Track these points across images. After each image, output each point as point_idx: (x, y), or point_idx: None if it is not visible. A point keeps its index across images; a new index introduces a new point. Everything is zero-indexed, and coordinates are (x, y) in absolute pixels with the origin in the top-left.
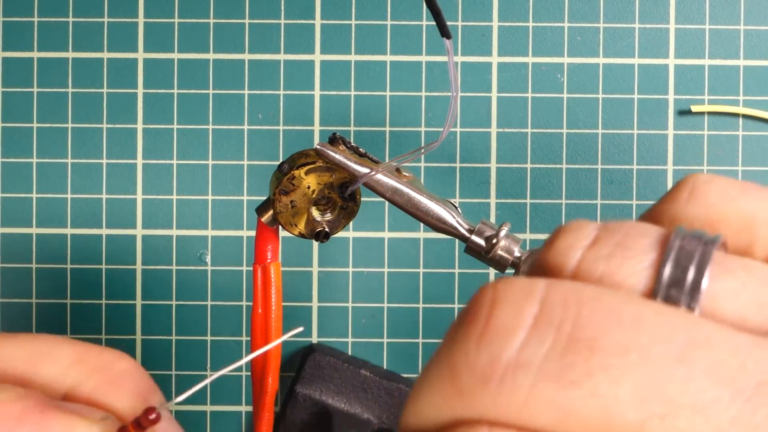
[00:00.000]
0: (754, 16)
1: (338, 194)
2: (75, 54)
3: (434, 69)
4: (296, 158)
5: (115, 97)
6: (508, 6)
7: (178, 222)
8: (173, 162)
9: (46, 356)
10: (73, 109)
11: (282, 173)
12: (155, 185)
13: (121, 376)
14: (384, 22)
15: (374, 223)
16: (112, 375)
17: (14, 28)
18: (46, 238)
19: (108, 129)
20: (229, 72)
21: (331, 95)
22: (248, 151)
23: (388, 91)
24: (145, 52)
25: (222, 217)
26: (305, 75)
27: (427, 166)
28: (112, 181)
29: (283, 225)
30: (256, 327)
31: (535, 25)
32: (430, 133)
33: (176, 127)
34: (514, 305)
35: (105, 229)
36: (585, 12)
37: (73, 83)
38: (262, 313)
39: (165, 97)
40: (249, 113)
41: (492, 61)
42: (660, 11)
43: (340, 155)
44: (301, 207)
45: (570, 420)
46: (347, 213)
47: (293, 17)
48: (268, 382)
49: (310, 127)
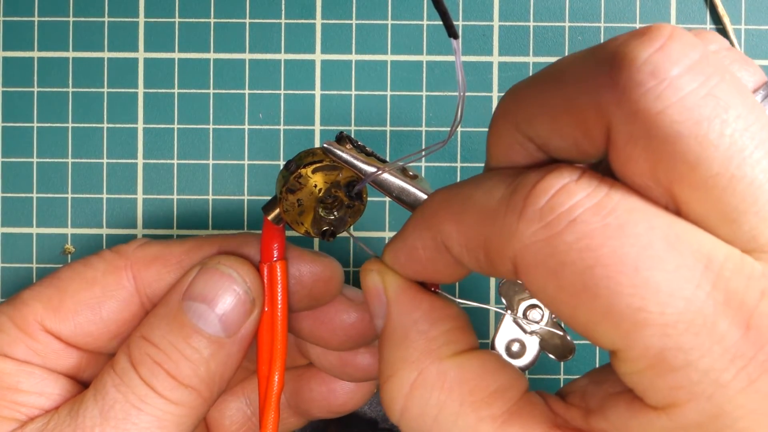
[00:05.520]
0: (754, 16)
1: (345, 193)
2: (75, 53)
3: (435, 69)
4: (303, 157)
5: (116, 97)
6: (509, 6)
7: (179, 222)
8: (174, 161)
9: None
10: (74, 109)
11: (289, 172)
12: (155, 185)
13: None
14: (385, 21)
15: (375, 222)
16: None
17: (14, 28)
18: (46, 238)
19: (108, 129)
20: (229, 71)
21: (332, 95)
22: (249, 151)
23: (389, 91)
24: (145, 52)
25: (222, 217)
26: (306, 75)
27: (428, 166)
28: (112, 181)
29: (289, 223)
30: (262, 325)
31: (535, 25)
32: (431, 133)
33: (177, 126)
34: (684, 45)
35: (105, 229)
36: (586, 12)
37: (73, 83)
38: (269, 312)
39: (165, 96)
40: (249, 113)
41: (493, 61)
42: (660, 11)
43: (348, 154)
44: (308, 206)
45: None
46: (353, 212)
47: (294, 17)
48: (274, 381)
49: (311, 126)
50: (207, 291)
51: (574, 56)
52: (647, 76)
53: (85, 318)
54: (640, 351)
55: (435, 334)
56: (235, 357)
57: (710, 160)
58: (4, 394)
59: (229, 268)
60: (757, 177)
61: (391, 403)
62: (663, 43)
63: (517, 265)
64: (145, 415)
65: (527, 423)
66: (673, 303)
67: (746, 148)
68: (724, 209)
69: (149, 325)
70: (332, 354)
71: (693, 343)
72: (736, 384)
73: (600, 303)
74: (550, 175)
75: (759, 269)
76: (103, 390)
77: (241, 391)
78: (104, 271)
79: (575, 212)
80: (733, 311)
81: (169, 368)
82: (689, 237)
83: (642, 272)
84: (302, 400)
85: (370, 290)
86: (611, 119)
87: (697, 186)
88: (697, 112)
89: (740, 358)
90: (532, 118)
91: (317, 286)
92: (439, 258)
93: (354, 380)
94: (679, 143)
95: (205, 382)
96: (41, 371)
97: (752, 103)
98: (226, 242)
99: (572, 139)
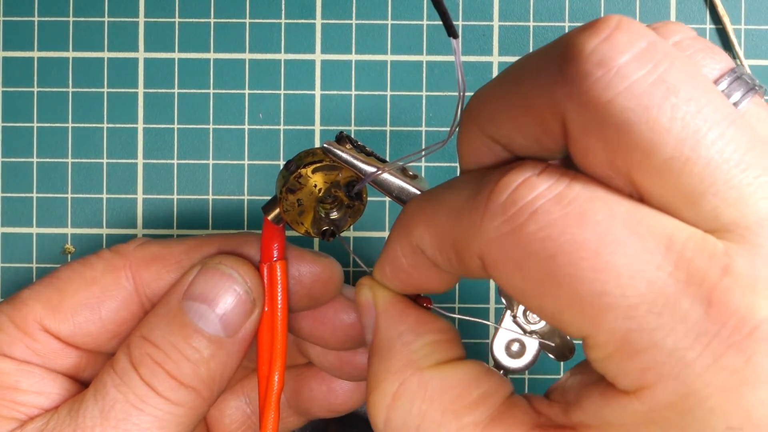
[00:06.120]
0: (754, 16)
1: (345, 193)
2: (75, 53)
3: (435, 69)
4: (303, 157)
5: (116, 97)
6: (509, 6)
7: (179, 222)
8: (174, 161)
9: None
10: (74, 109)
11: (289, 172)
12: (156, 185)
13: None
14: (384, 21)
15: (375, 222)
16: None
17: (14, 28)
18: (46, 238)
19: (108, 128)
20: (229, 71)
21: (332, 95)
22: (249, 151)
23: (389, 91)
24: (145, 52)
25: (222, 217)
26: (306, 75)
27: (428, 166)
28: (112, 181)
29: (289, 223)
30: (262, 325)
31: (535, 25)
32: (430, 133)
33: (177, 126)
34: (631, 34)
35: (105, 229)
36: (586, 12)
37: (73, 83)
38: (269, 312)
39: (165, 96)
40: (249, 113)
41: (493, 61)
42: (661, 11)
43: (348, 154)
44: (308, 205)
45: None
46: (353, 212)
47: (294, 17)
48: (274, 380)
49: (311, 126)
50: (207, 291)
51: (532, 54)
52: (594, 66)
53: (84, 318)
54: (606, 335)
55: (418, 346)
56: (236, 357)
57: (663, 144)
58: (3, 393)
59: (230, 268)
60: (713, 158)
61: (375, 415)
62: (609, 33)
63: (484, 260)
64: (145, 415)
65: (509, 426)
66: (635, 285)
67: (699, 129)
68: (683, 192)
69: (149, 325)
70: (332, 353)
71: (656, 323)
72: (702, 361)
73: (564, 290)
74: (513, 171)
75: (721, 247)
76: (104, 390)
77: (240, 390)
78: (103, 271)
79: (536, 204)
80: (695, 289)
81: (170, 368)
82: (650, 221)
83: (602, 257)
84: (302, 399)
85: (361, 305)
86: (565, 112)
87: (654, 171)
88: (647, 98)
89: (704, 336)
90: (495, 119)
91: (317, 286)
92: (419, 264)
93: (353, 380)
94: (631, 130)
95: (206, 382)
96: (40, 371)
97: (705, 86)
98: (225, 242)
99: (533, 136)
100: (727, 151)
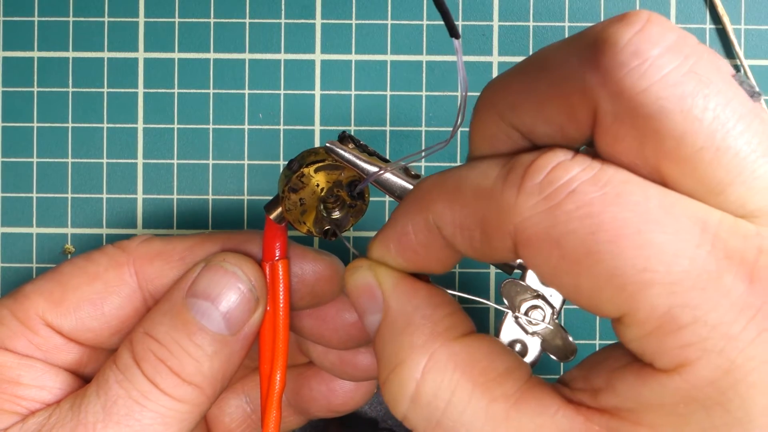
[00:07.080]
0: (754, 16)
1: (347, 192)
2: (75, 53)
3: (435, 69)
4: (306, 156)
5: (116, 97)
6: (509, 6)
7: (179, 222)
8: (174, 161)
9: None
10: (73, 109)
11: (291, 171)
12: (155, 185)
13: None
14: (384, 21)
15: (376, 222)
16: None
17: (14, 28)
18: (46, 238)
19: (108, 128)
20: (229, 71)
21: (332, 95)
22: (249, 151)
23: (389, 91)
24: (145, 52)
25: (222, 217)
26: (306, 74)
27: (428, 166)
28: (112, 180)
29: (291, 223)
30: (264, 324)
31: (535, 25)
32: (430, 133)
33: (177, 126)
34: (663, 27)
35: (105, 229)
36: (586, 12)
37: (73, 83)
38: (271, 311)
39: (165, 96)
40: (249, 113)
41: (492, 61)
42: (661, 11)
43: (350, 153)
44: (310, 205)
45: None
46: (356, 211)
47: (294, 17)
48: (276, 380)
49: (311, 126)
50: (211, 288)
51: (556, 45)
52: (630, 56)
53: (86, 313)
54: (647, 312)
55: (439, 317)
56: (238, 355)
57: (695, 134)
58: (5, 387)
59: (234, 265)
60: (742, 149)
61: (400, 393)
62: (642, 26)
63: (517, 239)
64: (148, 411)
65: (542, 400)
66: (678, 261)
67: (729, 120)
68: (711, 181)
69: (152, 322)
70: (333, 353)
71: (700, 298)
72: (746, 335)
73: (604, 267)
74: (546, 154)
75: (753, 229)
76: (106, 385)
77: (241, 389)
78: (106, 267)
79: (573, 184)
80: (736, 266)
81: (173, 365)
82: (683, 204)
83: (644, 234)
84: (302, 399)
85: (359, 287)
86: (597, 100)
87: (684, 160)
88: (681, 89)
89: (748, 309)
90: (517, 107)
91: (319, 284)
92: (431, 242)
93: (354, 380)
94: (664, 119)
95: (208, 380)
96: (42, 365)
97: (730, 80)
98: (228, 239)
99: (557, 124)
100: (753, 142)
